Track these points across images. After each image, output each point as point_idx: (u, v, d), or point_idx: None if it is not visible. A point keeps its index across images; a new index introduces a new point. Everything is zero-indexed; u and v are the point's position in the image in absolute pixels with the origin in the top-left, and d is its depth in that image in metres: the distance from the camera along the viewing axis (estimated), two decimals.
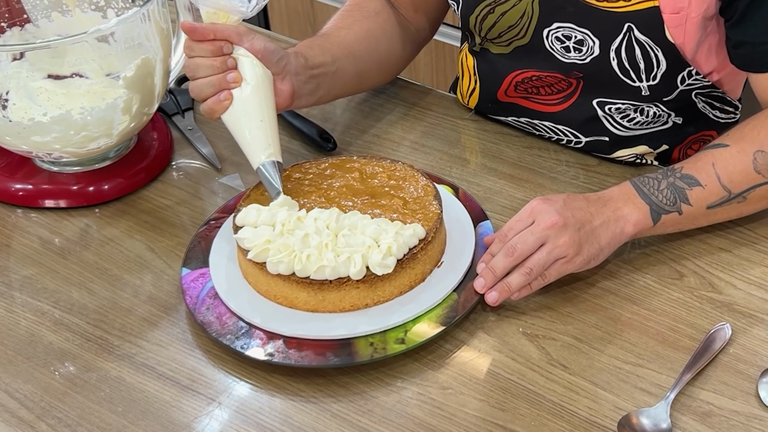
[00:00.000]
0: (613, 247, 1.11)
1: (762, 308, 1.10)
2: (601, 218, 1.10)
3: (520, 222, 1.09)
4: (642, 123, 1.30)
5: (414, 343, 1.04)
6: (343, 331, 1.04)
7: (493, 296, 1.08)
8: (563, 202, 1.10)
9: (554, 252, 1.07)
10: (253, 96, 1.16)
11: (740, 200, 1.14)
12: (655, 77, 1.24)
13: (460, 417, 0.99)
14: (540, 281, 1.08)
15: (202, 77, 1.16)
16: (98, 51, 1.20)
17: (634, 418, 0.97)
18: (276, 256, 1.05)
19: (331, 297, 1.06)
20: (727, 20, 1.18)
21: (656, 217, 1.12)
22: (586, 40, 1.22)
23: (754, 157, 1.13)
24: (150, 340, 1.09)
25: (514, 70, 1.31)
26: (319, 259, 1.04)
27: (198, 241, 1.17)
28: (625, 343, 1.06)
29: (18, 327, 1.11)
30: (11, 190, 1.28)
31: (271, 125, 1.17)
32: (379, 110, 1.43)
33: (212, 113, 1.17)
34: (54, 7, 1.31)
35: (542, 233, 1.07)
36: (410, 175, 1.17)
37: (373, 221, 1.09)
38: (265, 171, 1.15)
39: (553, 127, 1.34)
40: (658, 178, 1.13)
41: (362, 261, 1.04)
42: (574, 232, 1.07)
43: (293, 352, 1.03)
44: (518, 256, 1.07)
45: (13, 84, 1.19)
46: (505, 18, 1.26)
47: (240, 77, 1.16)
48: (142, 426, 1.00)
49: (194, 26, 1.15)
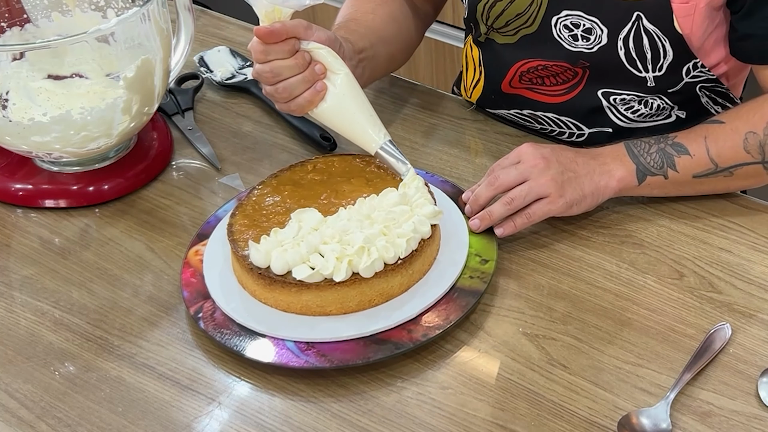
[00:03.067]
0: (596, 198, 1.16)
1: (762, 308, 1.10)
2: (587, 168, 1.15)
3: (506, 160, 1.16)
4: (646, 115, 1.31)
5: (493, 255, 1.11)
6: (449, 278, 1.09)
7: (475, 223, 1.14)
8: (551, 148, 1.16)
9: (535, 188, 1.12)
10: (349, 83, 1.17)
11: (726, 174, 1.18)
12: (662, 68, 1.24)
13: (460, 417, 0.99)
14: (524, 219, 1.13)
15: (288, 77, 1.15)
16: (98, 51, 1.20)
17: (634, 418, 0.97)
18: (363, 261, 1.05)
19: (417, 266, 1.09)
20: (734, 12, 1.19)
21: (641, 177, 1.16)
22: (594, 29, 1.23)
23: (745, 137, 1.16)
24: (150, 340, 1.09)
25: (520, 60, 1.32)
26: (395, 239, 1.07)
27: (220, 333, 1.06)
28: (625, 343, 1.06)
29: (18, 327, 1.11)
30: (11, 190, 1.28)
31: (370, 106, 1.18)
32: (380, 110, 1.42)
33: (310, 105, 1.17)
34: (54, 7, 1.31)
35: (525, 170, 1.13)
36: (356, 160, 1.20)
37: (384, 193, 1.12)
38: (389, 150, 1.16)
39: (557, 118, 1.34)
40: (650, 142, 1.18)
41: (423, 219, 1.09)
42: (557, 173, 1.13)
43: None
44: (498, 186, 1.13)
45: (13, 84, 1.19)
46: (513, 6, 1.27)
47: (325, 68, 1.16)
48: (142, 426, 1.00)
49: (270, 29, 1.13)
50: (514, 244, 1.18)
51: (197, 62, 1.51)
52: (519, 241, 1.18)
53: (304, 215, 1.12)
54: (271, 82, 1.16)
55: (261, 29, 1.13)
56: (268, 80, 1.16)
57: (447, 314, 1.06)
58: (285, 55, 1.14)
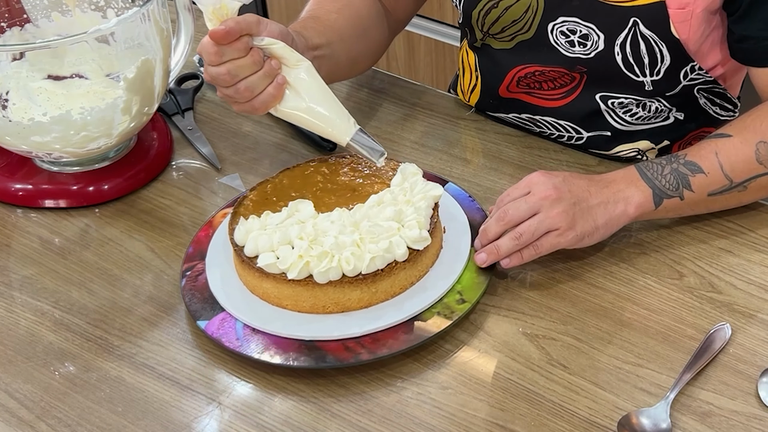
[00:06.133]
0: (611, 227, 1.12)
1: (762, 308, 1.10)
2: (600, 198, 1.11)
3: (516, 190, 1.12)
4: (644, 118, 1.31)
5: (474, 297, 1.08)
6: (408, 311, 1.06)
7: (482, 257, 1.10)
8: (563, 177, 1.12)
9: (546, 222, 1.08)
10: (311, 74, 1.13)
11: (740, 189, 1.16)
12: (659, 72, 1.24)
13: (460, 417, 0.99)
14: (531, 251, 1.09)
15: (247, 76, 1.10)
16: (98, 51, 1.20)
17: (634, 418, 0.97)
18: (320, 265, 1.04)
19: (384, 286, 1.07)
20: (730, 15, 1.19)
21: (658, 201, 1.13)
22: (591, 35, 1.23)
23: (756, 148, 1.14)
24: (150, 340, 1.09)
25: (517, 66, 1.31)
26: (363, 254, 1.05)
27: (191, 294, 1.11)
28: (625, 343, 1.06)
29: (18, 327, 1.11)
30: (11, 190, 1.28)
31: (335, 97, 1.14)
32: (379, 110, 1.43)
33: (274, 100, 1.12)
34: (54, 7, 1.31)
35: (536, 203, 1.09)
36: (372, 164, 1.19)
37: (384, 206, 1.10)
38: (361, 138, 1.13)
39: (555, 122, 1.34)
40: (662, 163, 1.15)
41: (403, 241, 1.07)
42: (568, 206, 1.09)
43: (373, 346, 1.03)
44: (509, 221, 1.09)
45: (13, 84, 1.19)
46: (509, 12, 1.27)
47: (280, 63, 1.12)
48: (142, 426, 1.00)
49: (227, 30, 1.07)
50: None
51: (197, 62, 1.51)
52: None
53: (300, 206, 1.13)
54: (229, 83, 1.11)
55: (218, 31, 1.07)
56: (226, 82, 1.11)
57: (385, 343, 1.03)
58: (240, 54, 1.09)
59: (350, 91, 1.47)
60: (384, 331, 1.05)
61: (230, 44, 1.09)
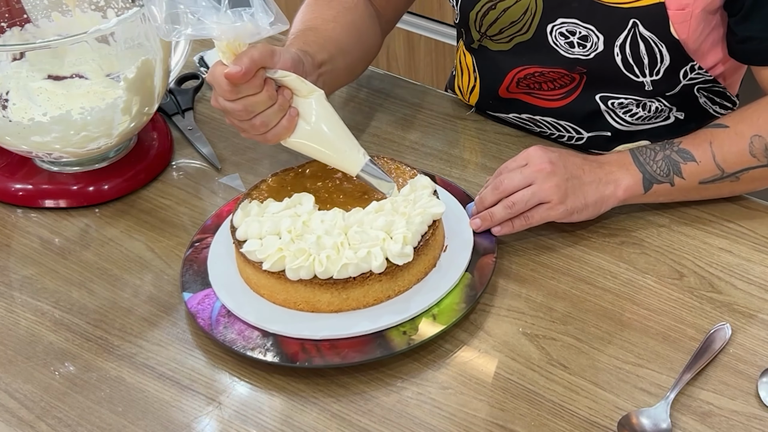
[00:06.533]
0: (599, 207, 1.15)
1: (762, 308, 1.10)
2: (593, 176, 1.14)
3: (513, 162, 1.15)
4: (644, 118, 1.31)
5: (448, 322, 1.05)
6: (374, 324, 1.05)
7: (476, 222, 1.15)
8: (559, 153, 1.15)
9: (538, 194, 1.11)
10: (322, 105, 1.11)
11: (733, 179, 1.17)
12: (659, 72, 1.24)
13: (460, 417, 0.99)
14: (522, 221, 1.13)
15: (263, 111, 1.08)
16: (98, 51, 1.20)
17: (634, 418, 0.97)
18: (294, 262, 1.04)
19: (355, 294, 1.06)
20: (732, 15, 1.19)
21: (648, 186, 1.16)
22: (590, 36, 1.23)
23: (750, 141, 1.15)
24: (150, 340, 1.09)
25: (516, 67, 1.31)
26: (339, 258, 1.05)
27: (189, 264, 1.14)
28: (625, 343, 1.06)
29: (18, 327, 1.11)
30: (11, 190, 1.28)
31: (345, 126, 1.13)
32: (379, 110, 1.43)
33: (287, 132, 1.10)
34: (54, 7, 1.31)
35: (530, 174, 1.12)
36: (394, 167, 1.18)
37: (378, 215, 1.09)
38: (371, 169, 1.12)
39: (555, 122, 1.34)
40: (656, 149, 1.17)
41: (382, 254, 1.05)
42: (561, 180, 1.12)
43: (329, 353, 1.03)
44: (503, 191, 1.13)
45: (13, 84, 1.19)
46: (507, 14, 1.27)
47: (291, 92, 1.10)
48: (142, 426, 1.00)
49: (244, 71, 1.04)
50: (515, 244, 1.18)
51: (197, 62, 1.51)
52: (519, 241, 1.18)
53: (303, 199, 1.13)
54: (245, 118, 1.09)
55: (234, 73, 1.03)
56: (242, 117, 1.09)
57: (341, 352, 1.03)
58: (256, 90, 1.07)
59: (350, 91, 1.47)
60: (345, 339, 1.04)
61: (246, 82, 1.06)
